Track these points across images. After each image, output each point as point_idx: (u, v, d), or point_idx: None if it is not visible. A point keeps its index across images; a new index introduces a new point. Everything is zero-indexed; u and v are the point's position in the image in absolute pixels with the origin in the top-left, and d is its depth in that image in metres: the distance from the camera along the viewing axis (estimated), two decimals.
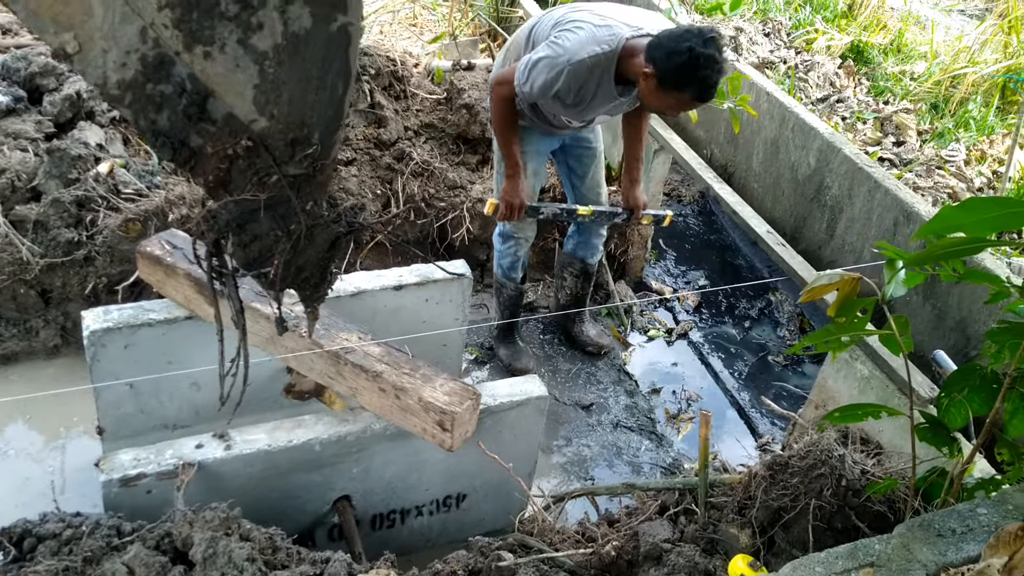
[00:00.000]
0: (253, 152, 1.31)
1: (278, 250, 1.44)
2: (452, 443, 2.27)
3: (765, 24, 5.66)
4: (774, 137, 4.35)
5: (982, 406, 1.85)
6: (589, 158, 3.45)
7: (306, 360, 2.47)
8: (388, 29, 5.03)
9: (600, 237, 3.68)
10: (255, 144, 1.30)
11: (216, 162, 1.32)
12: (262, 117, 1.27)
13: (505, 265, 3.59)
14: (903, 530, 1.69)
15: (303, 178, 1.37)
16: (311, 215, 1.43)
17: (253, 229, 1.41)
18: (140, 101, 1.23)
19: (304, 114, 1.30)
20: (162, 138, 1.27)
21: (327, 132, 1.35)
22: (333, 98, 1.31)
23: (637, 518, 2.27)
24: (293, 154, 1.33)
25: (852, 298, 1.93)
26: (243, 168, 1.32)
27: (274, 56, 1.22)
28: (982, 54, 5.23)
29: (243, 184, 1.34)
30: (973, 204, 1.62)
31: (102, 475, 2.21)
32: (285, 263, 1.46)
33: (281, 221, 1.41)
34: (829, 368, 2.79)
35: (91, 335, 2.60)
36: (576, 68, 2.84)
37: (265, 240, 1.43)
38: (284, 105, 1.27)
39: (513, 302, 3.70)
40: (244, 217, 1.39)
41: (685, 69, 2.66)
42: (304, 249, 1.47)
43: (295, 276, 1.53)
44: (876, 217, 3.81)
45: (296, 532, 2.48)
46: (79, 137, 3.44)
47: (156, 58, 1.19)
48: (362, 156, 3.86)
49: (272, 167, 1.33)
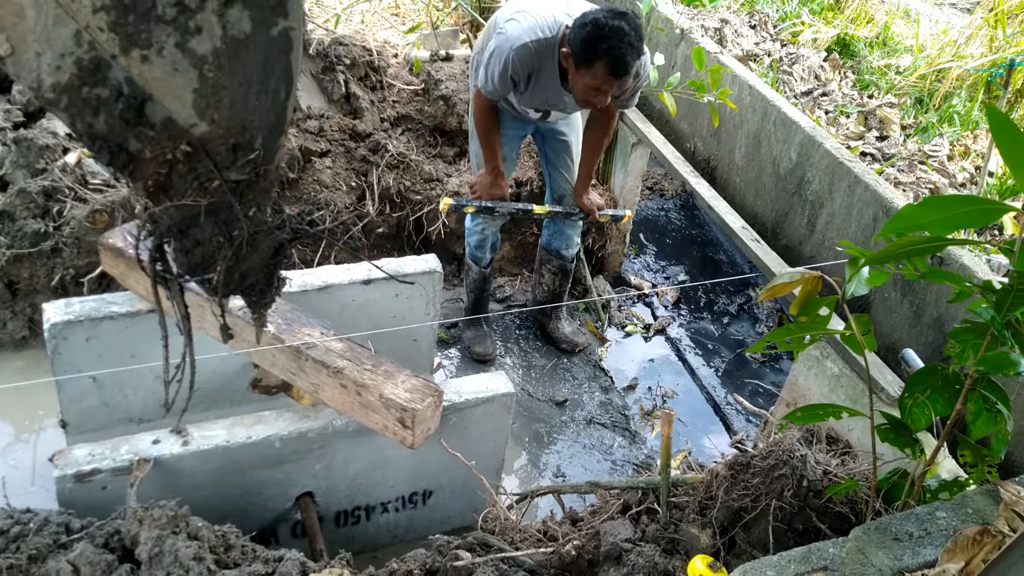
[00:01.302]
0: (193, 157, 1.29)
1: (220, 256, 1.42)
2: (413, 440, 2.23)
3: (751, 16, 5.61)
4: (756, 131, 4.31)
5: (945, 407, 1.82)
6: (563, 149, 3.48)
7: (268, 355, 2.43)
8: (369, 18, 4.97)
9: (575, 228, 3.67)
10: (195, 149, 1.28)
11: (155, 167, 1.29)
12: (202, 122, 1.26)
13: (473, 243, 3.63)
14: (859, 533, 1.66)
15: (245, 184, 1.35)
16: (254, 221, 1.41)
17: (195, 235, 1.39)
18: (76, 104, 1.21)
19: (245, 119, 1.28)
20: (99, 142, 1.25)
21: (270, 137, 1.33)
22: (276, 103, 1.29)
23: (600, 517, 2.24)
24: (235, 159, 1.31)
25: (814, 296, 1.90)
26: (183, 173, 1.31)
27: (214, 60, 1.20)
28: (967, 48, 5.19)
29: (183, 189, 1.32)
30: (934, 202, 1.58)
31: (56, 470, 2.18)
32: (228, 269, 1.44)
33: (223, 227, 1.39)
34: (800, 366, 2.77)
35: (52, 328, 2.56)
36: (520, 53, 2.87)
37: (207, 246, 1.41)
38: (225, 110, 1.26)
39: (478, 285, 3.72)
40: (186, 222, 1.37)
41: (591, 40, 2.67)
42: (247, 256, 1.46)
43: (239, 282, 1.51)
44: (856, 212, 3.77)
45: (258, 529, 2.46)
46: (47, 127, 3.39)
47: (92, 61, 1.17)
48: (336, 147, 3.81)
49: (213, 172, 1.31)
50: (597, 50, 2.67)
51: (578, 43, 2.70)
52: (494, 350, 3.74)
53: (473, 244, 3.61)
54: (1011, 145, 1.47)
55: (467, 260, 3.69)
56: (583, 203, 3.46)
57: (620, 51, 2.65)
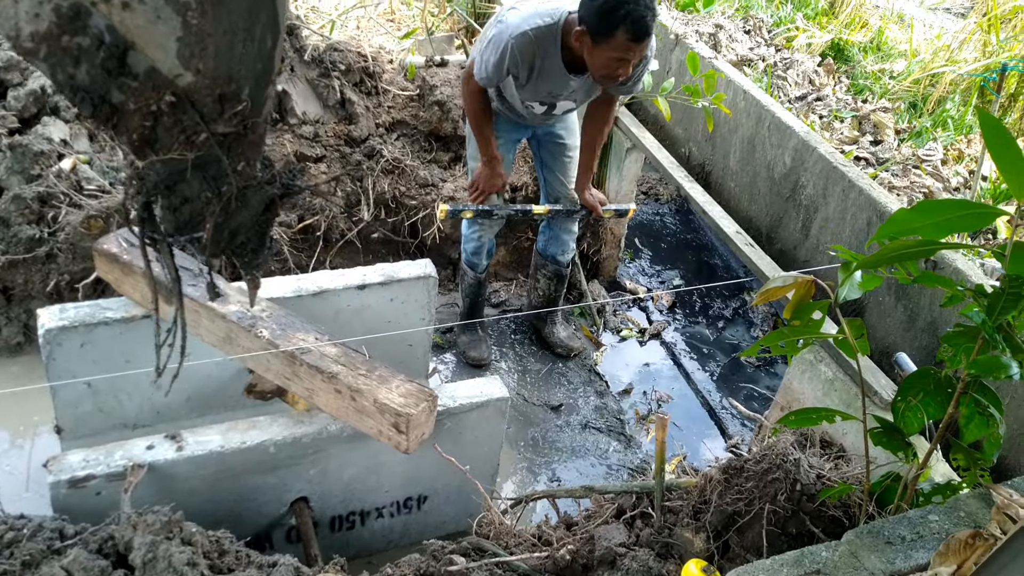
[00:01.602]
0: (179, 109, 1.24)
1: (209, 212, 1.37)
2: (408, 445, 2.24)
3: (746, 21, 5.63)
4: (751, 135, 4.32)
5: (938, 411, 1.83)
6: (560, 153, 3.46)
7: (262, 360, 2.43)
8: (365, 24, 4.98)
9: (571, 234, 3.67)
10: (180, 100, 1.23)
11: (140, 119, 1.25)
12: (187, 72, 1.21)
13: (469, 249, 3.62)
14: (852, 537, 1.66)
15: (233, 136, 1.31)
16: (243, 176, 1.37)
17: (183, 191, 1.34)
18: (56, 54, 1.16)
19: (232, 68, 1.23)
20: (81, 94, 1.21)
21: (257, 87, 1.28)
22: (262, 51, 1.25)
23: (594, 521, 2.25)
24: (222, 111, 1.27)
25: (807, 300, 1.91)
26: (169, 126, 1.26)
27: (197, 7, 1.15)
28: (961, 52, 5.21)
29: (169, 143, 1.28)
30: (927, 207, 1.60)
31: (50, 476, 2.18)
32: (217, 227, 1.39)
33: (212, 182, 1.34)
34: (794, 370, 2.77)
35: (47, 333, 2.56)
36: (519, 41, 2.85)
37: (196, 203, 1.36)
38: (210, 59, 1.21)
39: (473, 291, 3.72)
40: (173, 178, 1.32)
41: (608, 10, 2.63)
42: (237, 211, 1.41)
43: (229, 241, 1.46)
44: (850, 217, 3.78)
45: (253, 534, 2.46)
46: (43, 133, 3.39)
47: (71, 8, 1.13)
48: (332, 153, 3.82)
49: (200, 125, 1.26)
50: (615, 18, 2.62)
51: (594, 17, 2.66)
52: (489, 355, 3.74)
53: (470, 250, 3.61)
54: (1003, 150, 1.48)
55: (463, 266, 3.68)
56: (585, 199, 3.43)
57: (639, 13, 2.62)
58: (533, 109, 3.15)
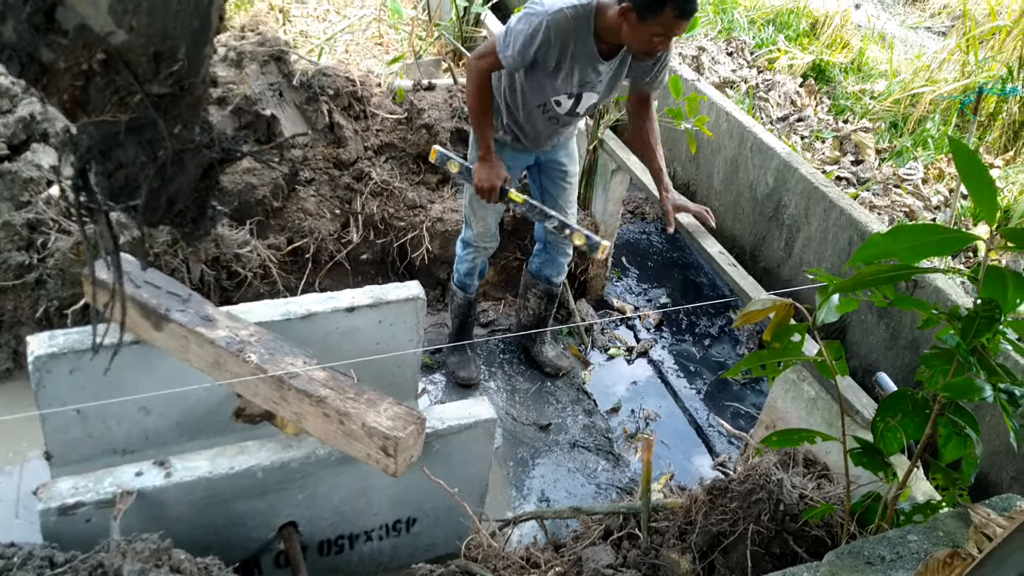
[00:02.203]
0: (111, 68, 1.19)
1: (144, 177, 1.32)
2: (396, 468, 2.25)
3: (728, 43, 5.71)
4: (733, 156, 4.38)
5: (916, 431, 1.86)
6: (561, 178, 3.45)
7: (251, 385, 2.45)
8: (353, 48, 5.03)
9: (567, 257, 3.70)
10: (113, 59, 1.18)
11: (70, 79, 1.20)
12: (120, 29, 1.16)
13: (462, 271, 3.63)
14: (832, 558, 1.69)
15: (170, 98, 1.26)
16: (180, 139, 1.32)
17: (117, 156, 1.30)
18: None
19: (167, 25, 1.19)
20: (8, 51, 1.17)
21: (194, 46, 1.24)
22: (199, 8, 1.21)
23: (582, 543, 2.27)
24: (157, 70, 1.22)
25: (787, 322, 1.94)
26: (101, 86, 1.21)
27: None
28: (940, 72, 5.30)
29: (102, 104, 1.23)
30: (901, 231, 1.64)
31: (40, 504, 2.18)
32: (154, 192, 1.34)
33: (148, 147, 1.30)
34: (778, 389, 2.81)
35: (36, 360, 2.58)
36: (556, 19, 2.80)
37: (131, 168, 1.31)
38: (143, 15, 1.16)
39: (463, 311, 3.73)
40: (107, 142, 1.28)
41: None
42: (174, 177, 1.36)
43: (167, 209, 1.42)
44: (832, 236, 3.84)
45: (241, 559, 2.46)
46: (32, 159, 3.41)
47: None
48: (320, 176, 3.85)
49: (133, 85, 1.21)
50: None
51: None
52: (478, 375, 3.77)
53: (462, 271, 3.63)
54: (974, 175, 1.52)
55: (453, 286, 3.71)
56: (667, 205, 3.36)
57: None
58: (558, 107, 3.07)
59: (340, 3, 5.60)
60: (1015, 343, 1.72)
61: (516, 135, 3.23)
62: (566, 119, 3.17)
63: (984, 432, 2.89)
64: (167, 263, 3.31)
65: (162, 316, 2.53)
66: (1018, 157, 4.70)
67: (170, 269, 3.29)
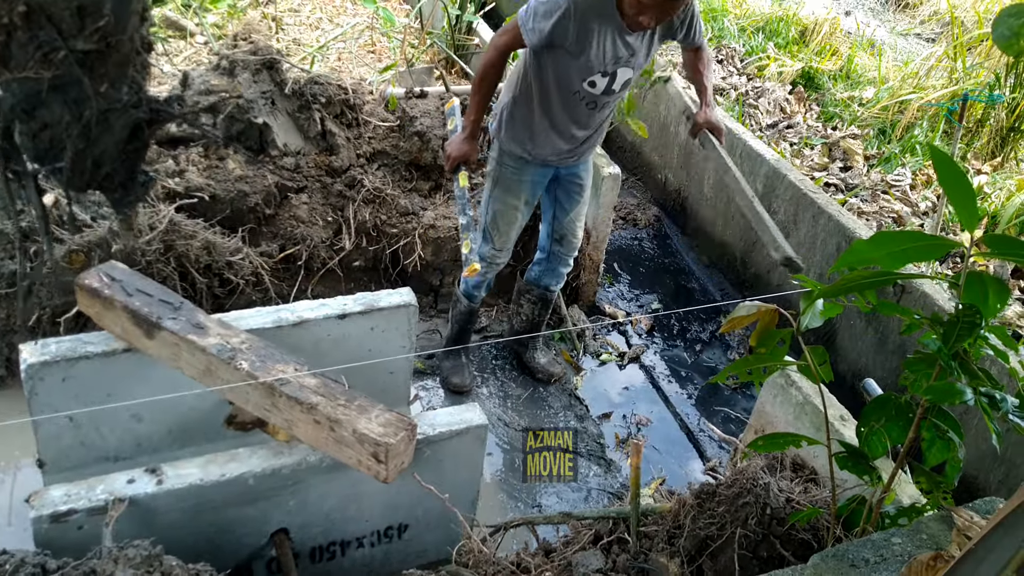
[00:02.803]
0: (33, 22, 1.16)
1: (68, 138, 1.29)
2: (387, 475, 2.26)
3: (719, 51, 5.75)
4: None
5: (900, 435, 1.89)
6: (577, 194, 3.50)
7: (242, 392, 2.46)
8: (345, 56, 5.05)
9: (567, 267, 3.73)
10: (35, 12, 1.15)
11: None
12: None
13: (471, 283, 3.64)
14: (817, 560, 1.71)
15: (95, 55, 1.23)
16: (106, 98, 1.29)
17: (42, 116, 1.26)
18: None
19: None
20: None
21: (120, 2, 1.21)
22: None
23: (572, 548, 2.28)
24: (82, 26, 1.19)
25: (771, 328, 1.97)
26: (23, 42, 1.18)
27: None
28: (928, 79, 5.34)
29: (24, 60, 1.20)
30: (883, 238, 1.66)
31: (32, 511, 2.19)
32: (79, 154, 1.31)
33: (73, 106, 1.27)
34: (767, 394, 2.83)
35: (28, 368, 2.58)
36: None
37: (56, 128, 1.28)
38: None
39: (464, 318, 3.74)
40: (31, 101, 1.25)
41: None
42: (99, 137, 1.32)
43: (94, 172, 1.38)
44: (820, 242, 3.87)
45: (233, 566, 2.47)
46: None
47: None
48: (313, 183, 3.87)
49: (57, 40, 1.18)
50: None
51: None
52: (471, 381, 3.78)
53: (471, 283, 3.63)
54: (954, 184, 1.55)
55: (458, 293, 3.70)
56: (708, 116, 3.42)
57: None
58: (592, 88, 3.07)
59: (333, 11, 5.63)
60: (996, 348, 1.75)
61: (539, 156, 3.26)
62: (603, 99, 3.15)
63: (971, 436, 2.93)
64: (159, 271, 3.32)
65: (154, 324, 2.54)
66: (1006, 163, 4.74)
67: (162, 277, 3.30)
